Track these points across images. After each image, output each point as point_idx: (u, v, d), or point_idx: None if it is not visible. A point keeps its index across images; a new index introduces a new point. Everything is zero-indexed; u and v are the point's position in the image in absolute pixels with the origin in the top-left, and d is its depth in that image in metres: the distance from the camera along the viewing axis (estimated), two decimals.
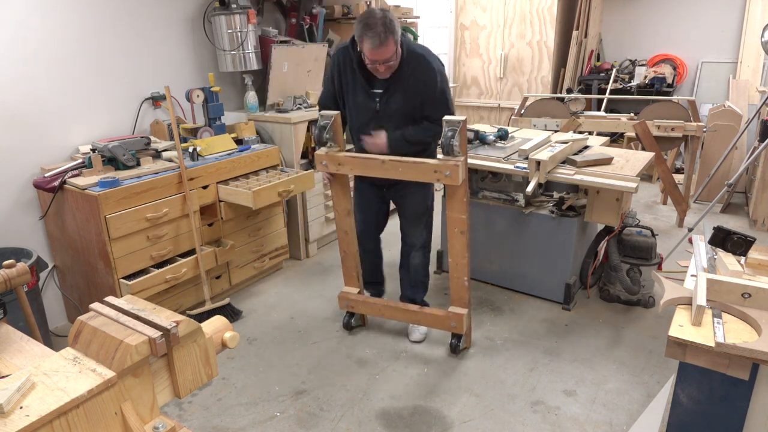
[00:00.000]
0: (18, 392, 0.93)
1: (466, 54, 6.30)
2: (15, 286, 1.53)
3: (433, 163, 2.16)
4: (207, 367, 1.14)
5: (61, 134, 2.89)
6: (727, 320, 1.54)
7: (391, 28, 2.15)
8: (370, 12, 2.18)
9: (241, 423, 2.29)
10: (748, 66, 5.70)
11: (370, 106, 2.42)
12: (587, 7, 5.96)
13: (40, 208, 2.85)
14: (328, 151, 2.37)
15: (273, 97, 3.70)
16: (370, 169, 2.31)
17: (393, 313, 2.76)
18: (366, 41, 2.15)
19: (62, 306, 3.06)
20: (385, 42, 2.14)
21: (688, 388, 1.58)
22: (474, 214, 3.33)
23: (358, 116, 2.50)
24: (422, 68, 2.34)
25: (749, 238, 1.83)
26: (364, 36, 2.15)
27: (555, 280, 3.14)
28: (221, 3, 3.39)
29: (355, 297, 2.81)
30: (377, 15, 2.16)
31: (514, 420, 2.28)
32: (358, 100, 2.44)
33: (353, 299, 2.81)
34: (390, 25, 2.15)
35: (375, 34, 2.12)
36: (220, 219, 3.13)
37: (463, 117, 2.09)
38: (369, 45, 2.15)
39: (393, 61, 2.25)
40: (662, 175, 4.24)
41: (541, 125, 4.42)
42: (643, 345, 2.78)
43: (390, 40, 2.15)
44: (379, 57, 2.19)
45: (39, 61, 2.74)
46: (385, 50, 2.17)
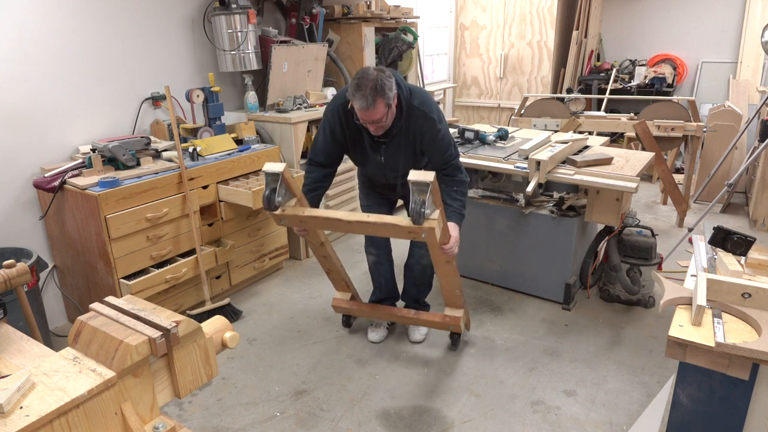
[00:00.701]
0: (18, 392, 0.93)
1: (466, 54, 6.30)
2: (15, 286, 1.53)
3: (406, 225, 1.95)
4: (207, 367, 1.14)
5: (61, 134, 2.89)
6: (727, 320, 1.54)
7: (381, 92, 2.10)
8: (364, 72, 2.14)
9: (241, 423, 2.29)
10: (748, 66, 5.70)
11: (375, 157, 2.43)
12: (587, 7, 5.96)
13: (40, 208, 2.85)
14: (285, 209, 2.14)
15: (273, 97, 3.70)
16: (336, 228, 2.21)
17: (389, 317, 2.77)
18: (354, 101, 2.14)
19: (62, 306, 3.06)
20: (372, 105, 2.11)
21: (688, 388, 1.58)
22: (474, 214, 3.33)
23: (366, 165, 2.53)
24: (421, 123, 2.30)
25: (749, 238, 1.83)
26: (353, 95, 2.13)
27: (555, 280, 3.14)
28: (221, 3, 3.39)
29: (348, 304, 2.80)
30: (370, 76, 2.11)
31: (514, 420, 2.28)
32: (365, 152, 2.44)
33: (346, 306, 2.80)
34: (380, 89, 2.10)
35: (362, 97, 2.10)
36: (220, 219, 3.13)
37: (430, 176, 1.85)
38: (357, 105, 2.14)
39: (384, 122, 2.22)
40: (662, 175, 4.24)
41: (541, 125, 4.42)
42: (643, 345, 2.78)
43: (379, 102, 2.11)
44: (367, 118, 2.18)
45: (39, 61, 2.74)
46: (374, 112, 2.14)
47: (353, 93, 2.13)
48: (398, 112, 2.28)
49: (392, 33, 4.42)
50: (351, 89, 2.14)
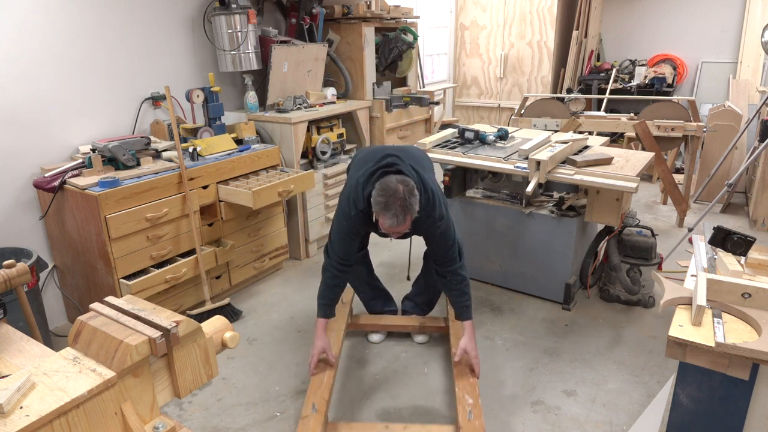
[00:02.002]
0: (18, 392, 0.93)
1: (466, 54, 6.30)
2: (15, 286, 1.53)
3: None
4: (207, 367, 1.14)
5: (61, 134, 2.89)
6: (727, 320, 1.54)
7: (410, 209, 2.12)
8: (388, 188, 2.12)
9: (241, 423, 2.29)
10: (748, 66, 5.70)
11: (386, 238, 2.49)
12: (587, 7, 5.96)
13: (40, 208, 2.85)
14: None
15: (273, 97, 3.70)
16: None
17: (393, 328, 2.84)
18: (383, 219, 2.14)
19: (62, 306, 3.06)
20: (402, 222, 2.13)
21: (688, 388, 1.58)
22: (474, 214, 3.34)
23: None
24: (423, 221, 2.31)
25: (749, 238, 1.83)
26: (382, 213, 2.13)
27: (555, 280, 3.14)
28: (221, 3, 3.39)
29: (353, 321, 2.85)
30: (398, 194, 2.09)
31: (514, 420, 2.28)
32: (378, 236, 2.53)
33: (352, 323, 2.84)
34: (409, 207, 2.11)
35: (393, 216, 2.11)
36: (220, 219, 3.13)
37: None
38: (386, 223, 2.15)
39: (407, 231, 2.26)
40: (662, 175, 4.24)
41: (541, 125, 4.42)
42: (643, 345, 2.78)
43: (407, 219, 2.14)
44: (395, 231, 2.20)
45: (39, 62, 2.74)
46: (401, 228, 2.17)
47: (382, 211, 2.12)
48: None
49: (392, 33, 4.42)
50: (379, 207, 2.12)
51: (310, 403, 2.11)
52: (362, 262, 2.83)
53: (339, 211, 2.42)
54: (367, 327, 2.85)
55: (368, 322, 2.85)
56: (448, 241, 2.37)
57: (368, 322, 2.86)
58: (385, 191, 2.12)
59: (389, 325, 2.83)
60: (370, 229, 2.42)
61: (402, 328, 2.83)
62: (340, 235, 2.38)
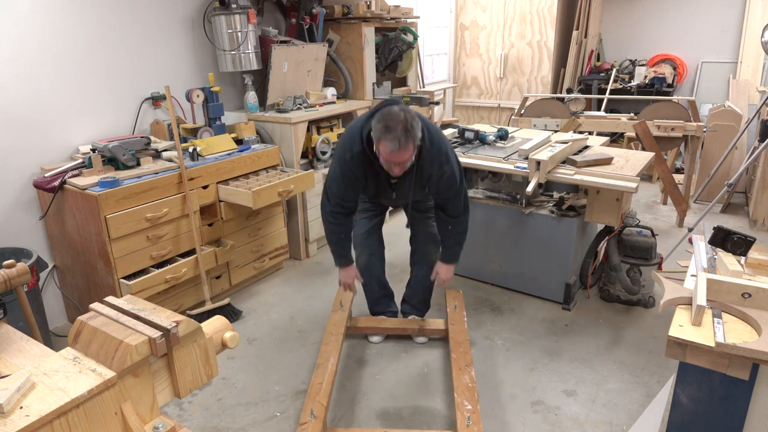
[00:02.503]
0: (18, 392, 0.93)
1: (466, 54, 6.30)
2: (15, 286, 1.53)
3: None
4: (207, 367, 1.14)
5: (61, 134, 2.89)
6: (727, 320, 1.54)
7: (411, 132, 2.07)
8: (390, 112, 2.10)
9: (241, 423, 2.29)
10: (748, 66, 5.70)
11: (388, 193, 2.45)
12: (587, 7, 5.96)
13: (40, 208, 2.85)
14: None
15: (273, 97, 3.70)
16: None
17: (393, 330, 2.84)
18: (384, 144, 2.08)
19: (62, 306, 3.06)
20: (404, 146, 2.07)
21: (688, 388, 1.58)
22: (474, 214, 3.33)
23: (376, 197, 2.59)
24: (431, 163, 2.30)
25: (749, 238, 1.83)
26: (383, 138, 2.07)
27: (555, 280, 3.14)
28: (221, 3, 3.39)
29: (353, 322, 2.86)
30: (398, 117, 2.07)
31: (514, 420, 2.28)
32: (379, 188, 2.43)
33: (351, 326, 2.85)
34: (411, 129, 2.07)
35: (395, 138, 2.05)
36: (220, 219, 3.13)
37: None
38: (388, 148, 2.08)
39: (408, 162, 2.20)
40: (662, 175, 4.24)
41: (541, 125, 4.42)
42: (643, 345, 2.78)
43: (409, 144, 2.08)
44: (396, 159, 2.13)
45: (40, 62, 2.74)
46: (404, 153, 2.10)
47: (383, 135, 2.07)
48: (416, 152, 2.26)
49: (392, 33, 4.42)
50: (379, 131, 2.09)
51: (308, 409, 2.11)
52: (378, 257, 2.81)
53: (333, 163, 2.42)
54: (367, 330, 2.85)
55: (368, 325, 2.85)
56: (454, 188, 2.37)
57: (368, 325, 2.85)
58: (386, 117, 2.09)
59: (389, 328, 2.83)
60: (368, 174, 2.33)
61: (402, 331, 2.83)
62: (336, 181, 2.37)
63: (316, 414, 2.09)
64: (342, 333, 2.63)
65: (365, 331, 2.86)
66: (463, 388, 2.24)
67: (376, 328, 2.84)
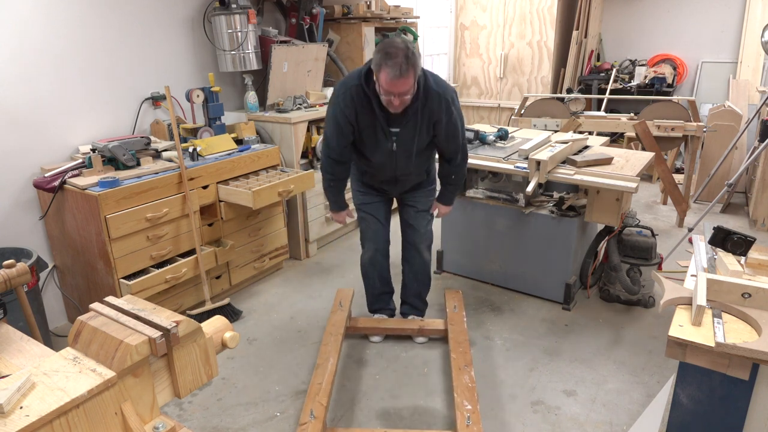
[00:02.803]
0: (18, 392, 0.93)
1: (466, 54, 6.30)
2: (15, 286, 1.53)
3: None
4: (207, 367, 1.14)
5: (61, 134, 2.89)
6: (727, 320, 1.54)
7: (412, 61, 2.05)
8: (391, 41, 2.09)
9: (241, 423, 2.29)
10: (748, 66, 5.70)
11: (386, 146, 2.39)
12: (587, 7, 5.96)
13: (40, 208, 2.85)
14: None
15: (273, 97, 3.70)
16: None
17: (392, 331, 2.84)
18: (385, 71, 2.04)
19: (62, 306, 3.06)
20: (405, 74, 2.04)
21: (688, 388, 1.58)
22: (474, 214, 3.34)
23: (374, 154, 2.46)
24: (435, 104, 2.29)
25: (749, 238, 1.83)
26: (383, 65, 2.04)
27: (555, 280, 3.14)
28: (221, 3, 3.39)
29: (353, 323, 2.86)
30: (399, 45, 2.05)
31: (514, 420, 2.28)
32: (376, 138, 2.37)
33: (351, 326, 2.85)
34: (412, 57, 2.05)
35: (396, 65, 2.02)
36: (220, 219, 3.13)
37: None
38: (388, 75, 2.04)
39: (408, 96, 2.16)
40: (662, 175, 4.24)
41: (541, 125, 4.42)
42: (643, 345, 2.78)
43: (410, 72, 2.06)
44: (396, 89, 2.09)
45: (39, 61, 2.74)
46: (405, 82, 2.06)
47: (383, 61, 2.04)
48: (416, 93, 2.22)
49: (392, 33, 4.42)
50: (379, 58, 2.06)
51: (308, 410, 2.11)
52: (383, 253, 2.81)
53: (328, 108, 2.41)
54: (367, 330, 2.85)
55: (367, 326, 2.85)
56: (458, 132, 2.43)
57: (367, 325, 2.85)
58: (386, 45, 2.08)
59: (389, 329, 2.83)
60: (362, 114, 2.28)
61: (401, 331, 2.82)
62: (328, 124, 2.38)
63: (316, 414, 2.09)
64: (341, 333, 2.63)
65: (365, 332, 2.86)
66: (462, 388, 2.24)
67: (376, 328, 2.84)
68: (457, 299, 2.92)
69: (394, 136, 2.35)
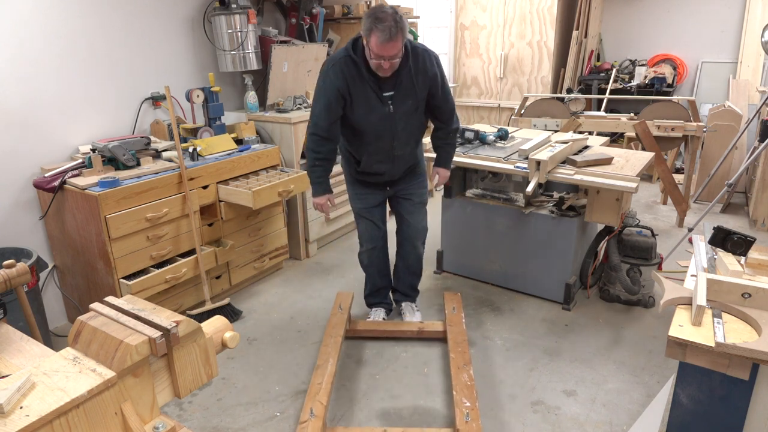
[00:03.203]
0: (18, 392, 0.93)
1: (466, 54, 6.30)
2: (15, 286, 1.53)
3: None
4: (207, 367, 1.14)
5: (61, 134, 2.89)
6: (727, 320, 1.54)
7: (401, 25, 2.15)
8: (379, 7, 2.19)
9: (241, 423, 2.29)
10: (748, 66, 5.70)
11: (383, 110, 2.41)
12: (587, 7, 5.96)
13: (40, 208, 2.85)
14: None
15: (273, 97, 3.70)
16: None
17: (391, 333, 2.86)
18: (375, 35, 2.13)
19: (62, 306, 3.06)
20: (395, 37, 2.13)
21: (688, 388, 1.58)
22: (474, 214, 3.34)
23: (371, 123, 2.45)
24: (428, 62, 2.40)
25: (749, 238, 1.83)
26: (374, 29, 2.12)
27: (555, 280, 3.14)
28: (221, 3, 3.39)
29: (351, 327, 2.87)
30: (388, 10, 2.16)
31: (514, 420, 2.28)
32: (371, 105, 2.39)
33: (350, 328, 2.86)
34: (400, 22, 2.15)
35: (386, 29, 2.11)
36: (220, 219, 3.13)
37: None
38: (379, 39, 2.13)
39: (397, 59, 2.24)
40: (662, 175, 4.24)
41: (541, 125, 4.42)
42: (643, 345, 2.78)
43: (399, 36, 2.15)
44: (386, 53, 2.17)
45: (40, 62, 2.74)
46: (394, 46, 2.15)
47: (373, 25, 2.13)
48: (404, 55, 2.31)
49: None
50: (369, 23, 2.15)
51: (308, 408, 2.12)
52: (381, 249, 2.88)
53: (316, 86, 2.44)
54: (366, 333, 2.86)
55: (367, 328, 2.86)
56: (449, 94, 2.54)
57: (367, 327, 2.86)
58: (375, 10, 2.17)
59: (388, 331, 2.83)
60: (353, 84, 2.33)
61: (400, 333, 2.84)
62: (317, 100, 2.40)
63: (316, 413, 2.09)
64: (341, 335, 2.63)
65: (364, 334, 2.86)
66: (461, 386, 2.25)
67: (375, 330, 2.84)
68: (456, 301, 2.94)
69: (390, 100, 2.40)
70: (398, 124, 2.46)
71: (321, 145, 2.46)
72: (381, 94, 2.38)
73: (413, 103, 2.44)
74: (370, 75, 2.33)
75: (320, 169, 2.55)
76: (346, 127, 2.49)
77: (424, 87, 2.42)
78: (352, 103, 2.39)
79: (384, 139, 2.50)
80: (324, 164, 2.54)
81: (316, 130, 2.45)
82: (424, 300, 3.24)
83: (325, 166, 2.55)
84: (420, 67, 2.37)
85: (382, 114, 2.42)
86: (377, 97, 2.37)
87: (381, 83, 2.36)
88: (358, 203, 2.79)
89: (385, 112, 2.41)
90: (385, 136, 2.49)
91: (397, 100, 2.40)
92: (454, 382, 2.29)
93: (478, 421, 2.05)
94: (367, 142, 2.52)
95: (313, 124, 2.45)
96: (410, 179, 2.75)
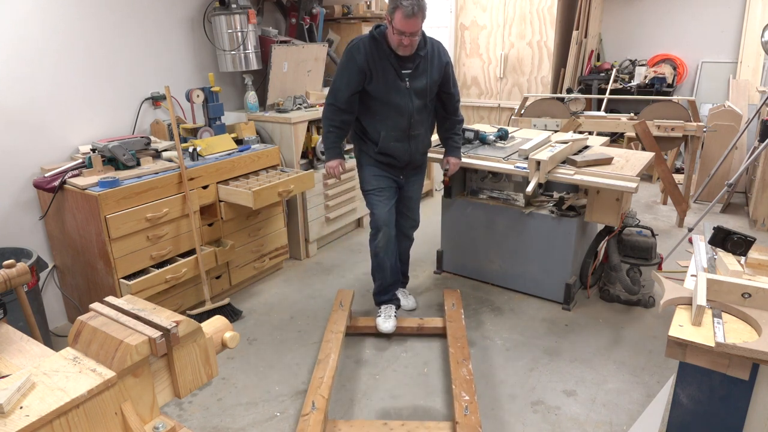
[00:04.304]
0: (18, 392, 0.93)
1: (466, 54, 6.30)
2: (15, 286, 1.53)
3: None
4: (207, 367, 1.14)
5: (61, 134, 2.89)
6: (727, 320, 1.54)
7: (422, 5, 2.38)
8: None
9: (241, 423, 2.29)
10: (748, 66, 5.69)
11: (401, 86, 2.59)
12: (587, 7, 5.96)
13: (40, 208, 2.85)
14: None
15: (273, 97, 3.70)
16: None
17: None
18: (400, 11, 2.34)
19: (62, 306, 3.06)
20: (417, 14, 2.34)
21: (688, 388, 1.58)
22: (474, 214, 3.34)
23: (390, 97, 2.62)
24: (441, 50, 2.68)
25: (749, 238, 1.83)
26: (399, 6, 2.34)
27: (555, 280, 3.14)
28: (221, 3, 3.39)
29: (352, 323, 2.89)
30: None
31: (514, 420, 2.28)
32: (389, 80, 2.58)
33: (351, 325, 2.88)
34: (422, 2, 2.38)
35: (409, 5, 2.33)
36: (220, 219, 3.13)
37: None
38: (402, 14, 2.34)
39: (417, 37, 2.46)
40: (662, 175, 4.24)
41: (541, 125, 4.42)
42: (643, 345, 2.78)
43: (420, 14, 2.37)
44: (408, 28, 2.38)
45: (40, 62, 2.74)
46: (416, 22, 2.37)
47: (398, 3, 2.35)
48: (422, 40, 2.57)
49: None
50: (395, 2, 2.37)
51: (310, 401, 2.13)
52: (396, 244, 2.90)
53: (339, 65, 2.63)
54: (367, 330, 2.86)
55: (367, 325, 2.87)
56: (456, 86, 2.78)
57: (367, 324, 2.87)
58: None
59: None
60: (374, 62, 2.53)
61: (400, 329, 2.84)
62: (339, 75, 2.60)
63: (318, 406, 2.11)
64: (342, 331, 2.65)
65: (365, 331, 2.87)
66: (460, 381, 2.27)
67: (375, 327, 2.84)
68: (455, 297, 2.96)
69: (407, 77, 2.60)
70: (414, 101, 2.65)
71: (338, 115, 2.66)
72: (400, 71, 2.57)
73: (428, 83, 2.64)
74: (391, 52, 2.54)
75: (334, 135, 2.73)
76: (365, 104, 2.67)
77: (438, 71, 2.65)
78: (372, 78, 2.58)
79: (402, 115, 2.66)
80: (338, 132, 2.72)
81: (335, 101, 2.64)
82: (423, 299, 3.25)
83: (338, 134, 2.73)
84: (435, 53, 2.63)
85: (400, 89, 2.61)
86: (396, 73, 2.57)
87: (401, 62, 2.56)
88: (373, 182, 2.79)
89: (403, 87, 2.61)
90: (404, 111, 2.65)
91: (414, 78, 2.61)
92: (453, 377, 2.31)
93: (476, 414, 2.06)
94: (386, 116, 2.67)
95: (333, 95, 2.64)
96: (416, 174, 2.93)
